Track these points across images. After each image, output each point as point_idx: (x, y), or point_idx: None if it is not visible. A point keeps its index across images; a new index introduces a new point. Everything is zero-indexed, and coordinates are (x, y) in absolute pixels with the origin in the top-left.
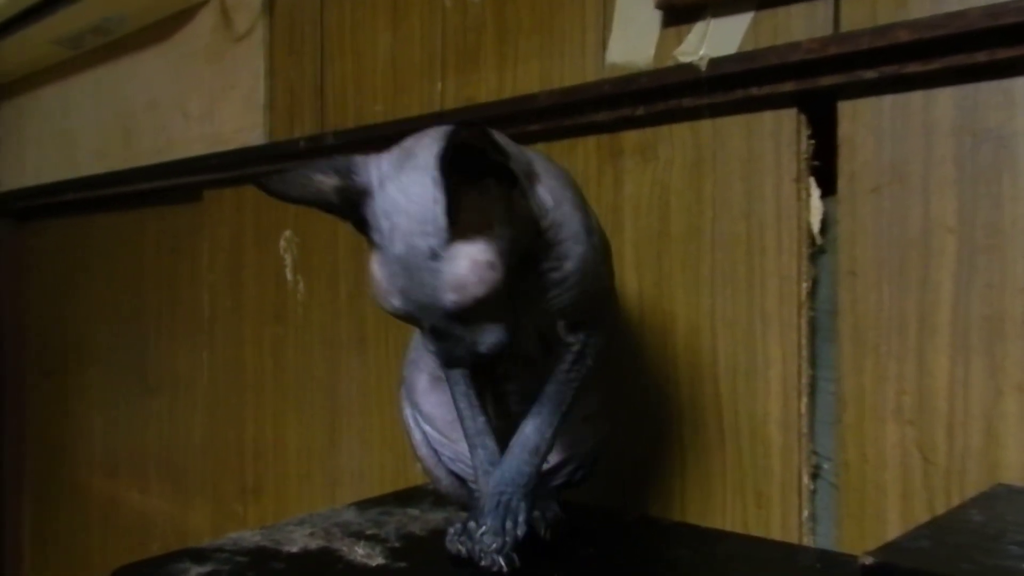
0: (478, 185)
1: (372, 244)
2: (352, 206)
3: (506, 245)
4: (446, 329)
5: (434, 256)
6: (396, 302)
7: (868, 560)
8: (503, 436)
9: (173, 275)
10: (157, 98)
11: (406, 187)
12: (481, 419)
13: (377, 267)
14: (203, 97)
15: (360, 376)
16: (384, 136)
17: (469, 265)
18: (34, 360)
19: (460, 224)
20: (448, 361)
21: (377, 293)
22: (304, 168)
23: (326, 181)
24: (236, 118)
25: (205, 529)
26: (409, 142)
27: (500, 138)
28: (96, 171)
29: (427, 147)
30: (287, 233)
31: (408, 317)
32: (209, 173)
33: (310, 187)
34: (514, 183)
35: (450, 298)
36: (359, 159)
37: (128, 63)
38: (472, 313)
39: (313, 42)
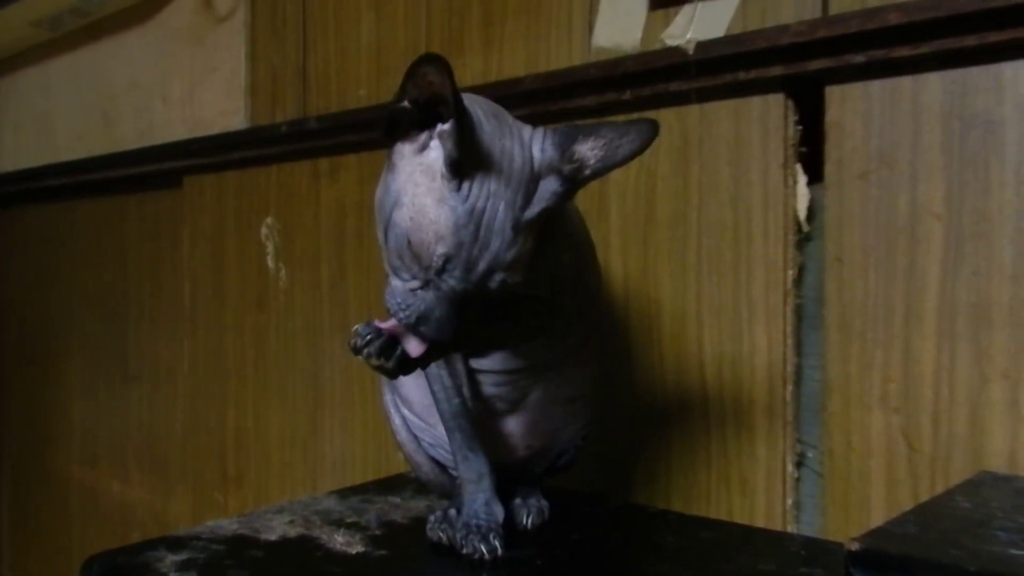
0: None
1: (450, 176)
2: (454, 127)
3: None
4: (458, 299)
5: (516, 227)
6: (442, 248)
7: (855, 546)
8: (479, 419)
9: (154, 262)
10: (137, 81)
11: (509, 150)
12: (456, 400)
13: (436, 204)
14: (184, 80)
15: (343, 364)
16: (367, 120)
17: (529, 252)
18: (13, 348)
19: None
20: (434, 337)
21: (418, 228)
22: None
23: (453, 101)
24: (217, 101)
25: (186, 518)
26: (488, 107)
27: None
28: (76, 156)
29: (515, 122)
30: (268, 220)
31: (435, 267)
32: (190, 158)
33: (444, 96)
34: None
35: (502, 277)
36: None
37: (108, 45)
38: (475, 296)
39: (296, 25)
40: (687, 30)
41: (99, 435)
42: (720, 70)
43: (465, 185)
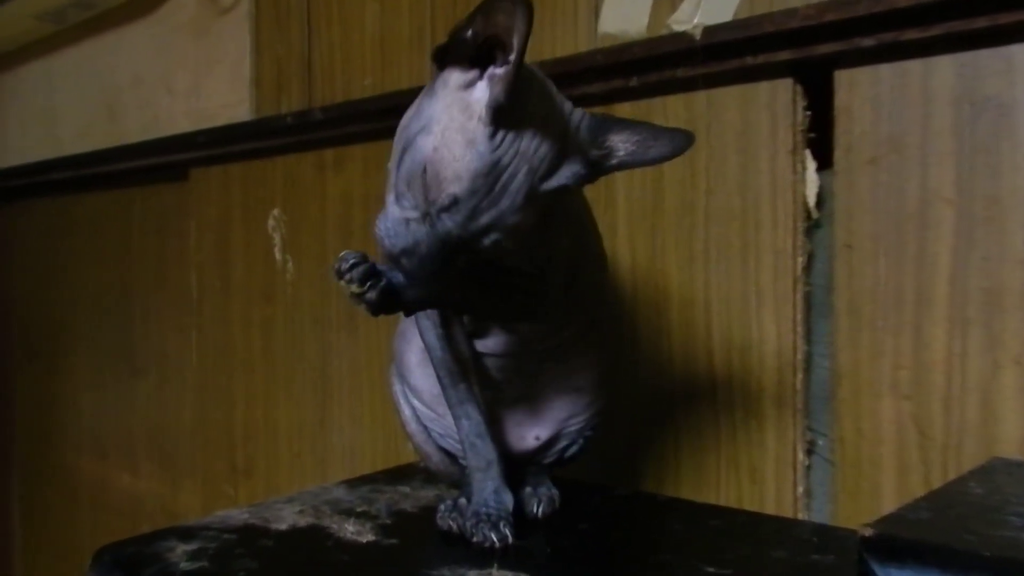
0: None
1: (489, 120)
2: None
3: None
4: (445, 244)
5: (529, 194)
6: (454, 188)
7: (868, 532)
8: (488, 409)
9: (160, 255)
10: (142, 74)
11: (548, 120)
12: (462, 386)
13: (465, 144)
14: (188, 72)
15: (350, 355)
16: (373, 110)
17: (530, 226)
18: (20, 342)
19: None
20: (411, 270)
21: (438, 160)
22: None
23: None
24: (222, 93)
25: (196, 510)
26: (542, 73)
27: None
28: (81, 149)
29: (568, 104)
30: (275, 211)
31: (439, 204)
32: (195, 151)
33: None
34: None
35: (497, 237)
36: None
37: (112, 38)
38: (465, 248)
39: (300, 15)
40: (694, 15)
41: (108, 428)
42: (727, 55)
43: (499, 135)
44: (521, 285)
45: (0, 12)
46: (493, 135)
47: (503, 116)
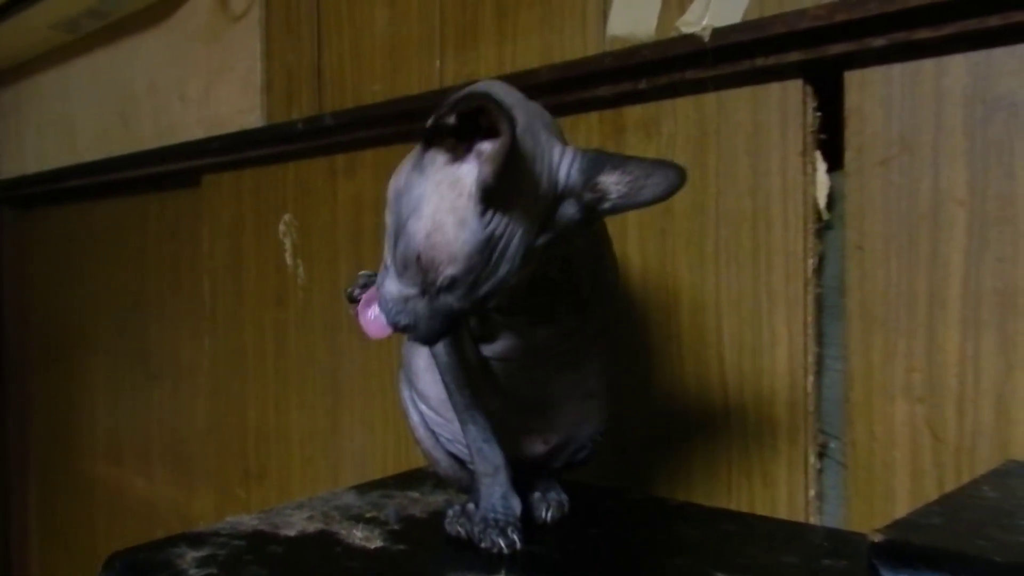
0: None
1: (479, 199)
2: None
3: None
4: (444, 311)
5: (526, 258)
6: (451, 270)
7: (878, 537)
8: (496, 414)
9: (174, 261)
10: (155, 81)
11: (538, 176)
12: (469, 391)
13: (457, 225)
14: (201, 79)
15: (362, 359)
16: (383, 115)
17: (530, 273)
18: (37, 348)
19: None
20: (421, 339)
21: (431, 246)
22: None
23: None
24: (234, 100)
25: (209, 515)
26: (524, 119)
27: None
28: (96, 157)
29: (556, 147)
30: (286, 217)
31: (438, 285)
32: (208, 157)
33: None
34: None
35: (501, 296)
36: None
37: (126, 47)
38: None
39: (310, 21)
40: (703, 17)
41: (123, 433)
42: (737, 57)
43: (490, 211)
44: (545, 287)
45: (15, 22)
46: (484, 212)
47: (493, 195)
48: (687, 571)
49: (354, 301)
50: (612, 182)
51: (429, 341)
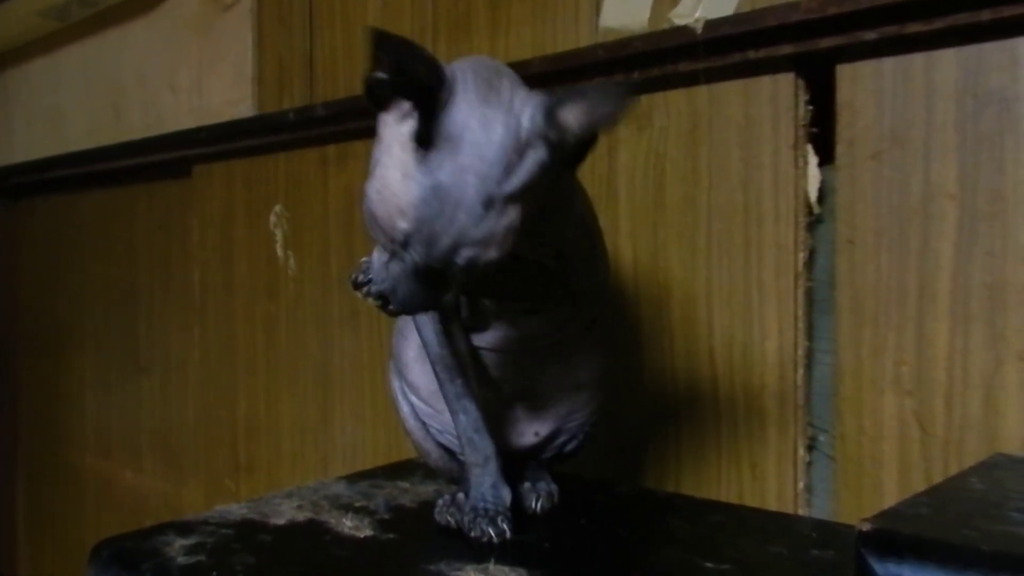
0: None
1: (417, 148)
2: (427, 106)
3: (528, 219)
4: (425, 274)
5: (487, 205)
6: (403, 224)
7: (866, 526)
8: (487, 405)
9: (164, 252)
10: (145, 71)
11: (487, 121)
12: (460, 381)
13: (401, 178)
14: (191, 69)
15: (352, 352)
16: None
17: (507, 230)
18: (25, 339)
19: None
20: (400, 306)
21: (381, 203)
22: (415, 48)
23: (423, 73)
24: (225, 90)
25: (199, 507)
26: (485, 74)
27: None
28: (86, 146)
29: (514, 90)
30: (277, 208)
31: (398, 243)
32: (198, 147)
33: (408, 68)
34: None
35: (470, 253)
36: (442, 66)
37: (116, 35)
38: (461, 272)
39: (302, 11)
40: (695, 9)
41: (112, 426)
42: (729, 49)
43: (434, 158)
44: (539, 274)
45: (3, 9)
46: (426, 160)
47: (430, 140)
48: (676, 562)
49: (358, 287)
50: (572, 116)
51: (406, 307)
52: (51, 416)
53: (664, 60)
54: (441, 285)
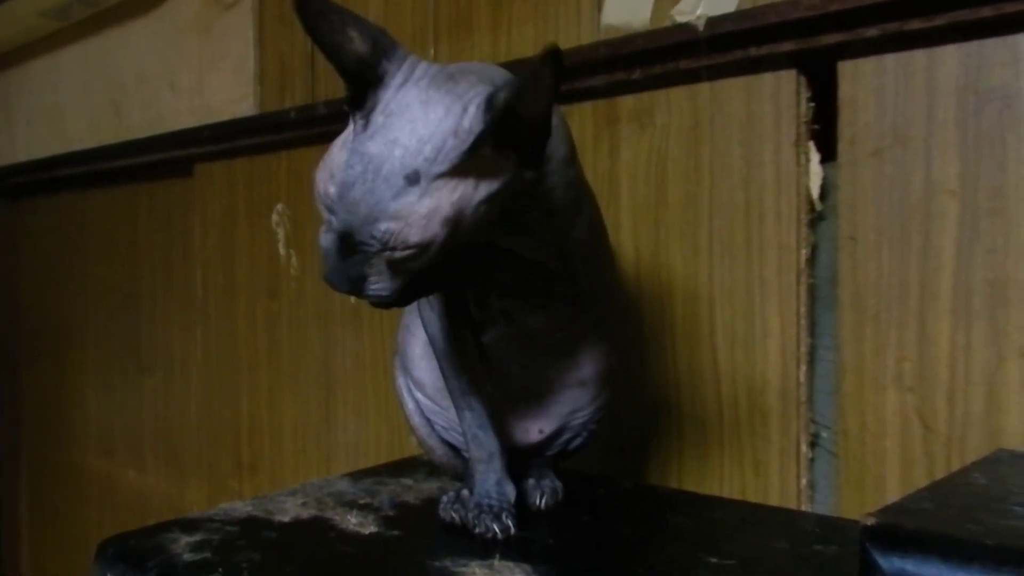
0: (494, 145)
1: (352, 123)
2: (359, 78)
3: (475, 218)
4: (348, 245)
5: (410, 179)
6: (331, 189)
7: (870, 521)
8: (492, 402)
9: (166, 251)
10: (146, 70)
11: (429, 102)
12: (465, 378)
13: (339, 148)
14: (193, 68)
15: (355, 350)
16: None
17: (431, 213)
18: (28, 339)
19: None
20: (326, 276)
21: (321, 169)
22: (350, 17)
23: (357, 43)
24: (226, 89)
25: (201, 506)
26: (453, 68)
27: (555, 116)
28: (87, 146)
29: (473, 85)
30: (279, 207)
31: (327, 208)
32: (200, 146)
33: (338, 36)
34: (535, 164)
35: (387, 226)
36: (403, 51)
37: (117, 34)
38: (386, 254)
39: None
40: (697, 6)
41: (114, 425)
42: (731, 47)
43: (370, 131)
44: (543, 274)
45: (4, 8)
46: (361, 132)
47: (358, 106)
48: (679, 557)
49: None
50: (503, 94)
51: (333, 277)
52: (53, 416)
53: (666, 57)
54: (368, 265)
